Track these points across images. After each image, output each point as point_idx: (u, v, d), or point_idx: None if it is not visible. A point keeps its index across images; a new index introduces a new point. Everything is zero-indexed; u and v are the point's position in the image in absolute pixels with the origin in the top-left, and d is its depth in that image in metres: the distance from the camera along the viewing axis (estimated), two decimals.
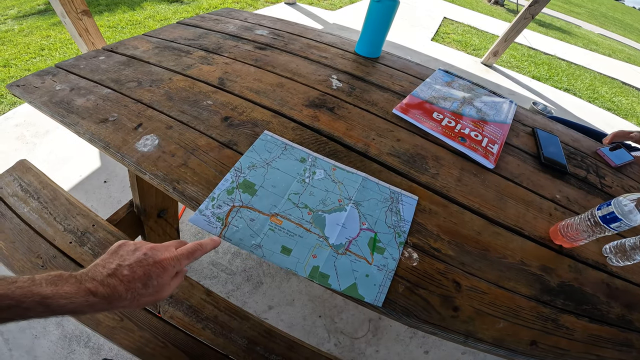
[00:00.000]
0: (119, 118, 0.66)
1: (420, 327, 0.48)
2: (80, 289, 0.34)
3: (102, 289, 0.35)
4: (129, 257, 0.40)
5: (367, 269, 0.50)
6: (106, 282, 0.36)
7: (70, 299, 0.33)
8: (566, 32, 7.24)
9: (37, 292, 0.32)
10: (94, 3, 3.13)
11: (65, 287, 0.34)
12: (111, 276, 0.37)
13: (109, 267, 0.38)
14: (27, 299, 0.32)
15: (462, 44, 4.22)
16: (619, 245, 0.63)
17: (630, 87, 4.73)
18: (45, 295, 0.32)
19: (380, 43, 1.05)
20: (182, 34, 1.02)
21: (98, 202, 1.46)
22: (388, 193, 0.62)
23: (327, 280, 0.48)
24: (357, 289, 0.48)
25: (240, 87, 0.80)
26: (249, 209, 0.53)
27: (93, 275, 0.37)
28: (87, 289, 0.35)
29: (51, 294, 0.33)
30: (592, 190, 0.79)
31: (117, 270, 0.38)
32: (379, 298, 0.47)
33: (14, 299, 0.31)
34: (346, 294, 0.47)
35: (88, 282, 0.35)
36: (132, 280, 0.37)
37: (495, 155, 0.76)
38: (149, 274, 0.39)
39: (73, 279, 0.35)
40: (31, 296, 0.32)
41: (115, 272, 0.37)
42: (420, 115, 0.83)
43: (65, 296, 0.33)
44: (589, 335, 0.52)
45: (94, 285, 0.35)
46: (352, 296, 0.47)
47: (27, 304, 0.31)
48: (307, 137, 0.70)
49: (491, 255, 0.58)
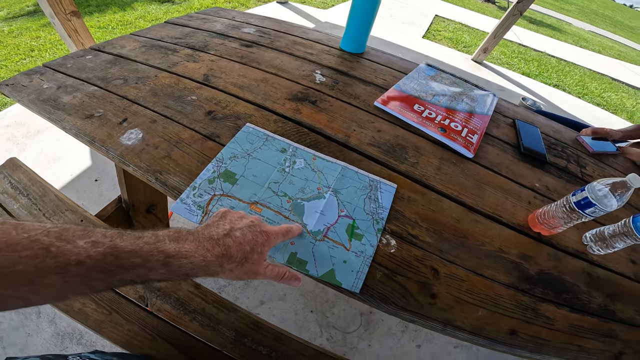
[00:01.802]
0: (105, 114, 0.67)
1: (399, 315, 0.48)
2: (199, 248, 0.34)
3: (218, 248, 0.36)
4: (239, 222, 0.41)
5: (344, 255, 0.51)
6: (222, 241, 0.37)
7: (189, 258, 0.33)
8: (557, 30, 7.32)
9: (162, 249, 0.31)
10: (84, 4, 3.12)
11: (186, 245, 0.34)
12: (226, 236, 0.38)
13: (223, 227, 0.39)
14: (153, 258, 0.30)
15: (453, 41, 4.26)
16: (599, 233, 0.63)
17: (620, 83, 4.80)
18: (169, 254, 0.32)
19: (365, 38, 1.07)
20: (169, 33, 1.03)
21: (89, 201, 1.46)
22: (367, 181, 0.63)
23: (304, 267, 0.48)
24: (334, 275, 0.48)
25: (224, 82, 0.82)
26: (230, 198, 0.54)
27: (210, 233, 0.37)
28: (206, 247, 0.35)
29: (174, 252, 0.32)
30: (573, 179, 0.81)
31: (231, 231, 0.39)
32: (356, 284, 0.48)
33: (142, 256, 0.30)
34: (324, 279, 0.48)
35: (205, 240, 0.36)
36: (243, 243, 0.38)
37: (474, 144, 0.78)
38: (256, 239, 0.40)
39: (192, 236, 0.35)
40: (157, 254, 0.31)
41: (230, 232, 0.38)
42: (402, 107, 0.85)
43: (185, 255, 0.33)
44: (569, 325, 0.52)
45: (211, 245, 0.36)
46: (329, 282, 0.48)
47: (151, 263, 0.30)
48: (288, 129, 0.71)
49: (470, 242, 0.59)
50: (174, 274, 0.32)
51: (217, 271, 0.36)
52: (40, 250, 0.25)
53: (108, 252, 0.28)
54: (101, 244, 0.28)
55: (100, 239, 0.28)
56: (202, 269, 0.34)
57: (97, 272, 0.27)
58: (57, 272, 0.25)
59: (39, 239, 0.25)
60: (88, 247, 0.27)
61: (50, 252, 0.25)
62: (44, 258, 0.25)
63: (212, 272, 0.35)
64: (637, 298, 0.60)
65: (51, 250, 0.25)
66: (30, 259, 0.24)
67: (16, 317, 1.09)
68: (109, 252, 0.28)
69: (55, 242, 0.26)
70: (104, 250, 0.28)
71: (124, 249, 0.29)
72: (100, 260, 0.27)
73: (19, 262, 0.24)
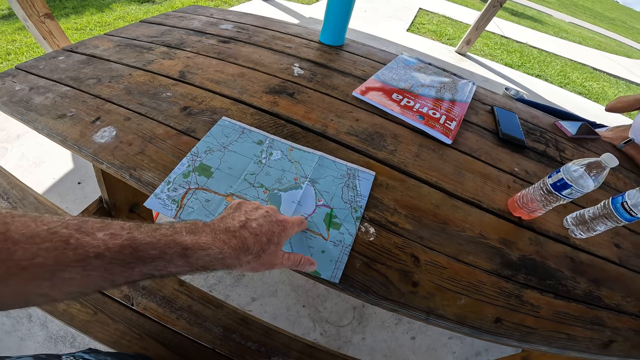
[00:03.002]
0: (77, 113, 0.66)
1: (380, 304, 0.48)
2: (215, 239, 0.34)
3: (235, 240, 0.35)
4: (254, 213, 0.40)
5: (322, 245, 0.50)
6: (238, 233, 0.36)
7: (206, 250, 0.32)
8: (537, 21, 7.44)
9: (179, 241, 0.31)
10: (59, 6, 3.04)
11: (202, 237, 0.33)
12: (243, 228, 0.37)
13: (238, 219, 0.38)
14: (170, 250, 0.30)
15: (437, 33, 4.29)
16: (579, 216, 0.63)
17: (601, 73, 4.91)
18: (186, 246, 0.31)
19: (343, 30, 1.07)
20: (145, 32, 1.01)
21: (73, 204, 1.43)
22: (345, 169, 0.63)
23: None
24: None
25: (201, 78, 0.81)
26: (205, 191, 0.54)
27: (226, 225, 0.36)
28: (222, 239, 0.34)
29: (191, 244, 0.31)
30: (552, 162, 0.82)
31: (247, 222, 0.38)
32: (335, 274, 0.47)
33: (159, 248, 0.29)
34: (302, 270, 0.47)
35: (222, 232, 0.35)
36: (260, 234, 0.37)
37: (452, 131, 0.79)
38: (272, 230, 0.39)
39: (208, 228, 0.35)
40: (174, 246, 0.30)
41: (246, 224, 0.38)
42: (380, 97, 0.85)
43: (203, 247, 0.32)
44: (555, 312, 0.51)
45: (227, 237, 0.35)
46: (308, 273, 0.47)
47: (169, 255, 0.30)
48: (265, 121, 0.71)
49: (450, 228, 0.58)
50: (192, 266, 0.31)
51: (234, 264, 0.35)
52: (60, 243, 0.25)
53: (126, 244, 0.27)
54: (119, 236, 0.28)
55: (118, 231, 0.28)
56: (220, 261, 0.33)
57: (116, 264, 0.27)
58: (77, 265, 0.25)
59: (58, 231, 0.25)
60: (107, 239, 0.27)
61: (69, 244, 0.25)
62: (63, 250, 0.25)
63: (230, 265, 0.34)
64: (623, 283, 0.59)
65: (70, 242, 0.25)
66: (49, 252, 0.24)
67: (7, 322, 1.07)
68: (127, 244, 0.28)
69: (75, 234, 0.26)
70: (122, 243, 0.27)
71: (142, 241, 0.29)
72: (118, 252, 0.27)
73: (38, 255, 0.24)
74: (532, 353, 0.92)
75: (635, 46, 8.70)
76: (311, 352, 0.76)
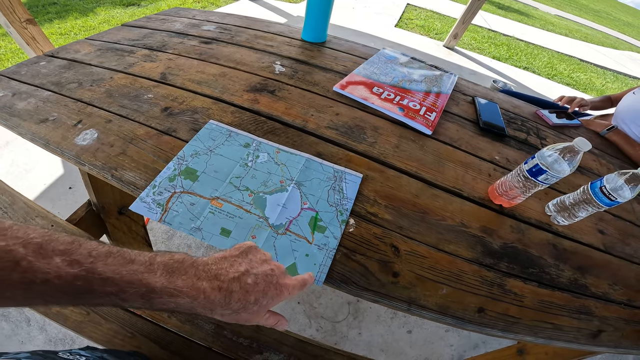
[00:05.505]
0: (59, 117, 0.66)
1: (361, 295, 0.47)
2: (193, 287, 0.30)
3: (217, 293, 0.31)
4: (257, 266, 0.36)
5: (307, 249, 0.50)
6: (226, 285, 0.32)
7: (175, 297, 0.29)
8: (524, 14, 7.50)
9: (147, 282, 0.28)
10: (42, 11, 3.00)
11: (179, 281, 0.30)
12: (235, 280, 0.33)
13: (237, 268, 0.34)
14: (131, 289, 0.27)
15: (425, 28, 4.32)
16: (560, 203, 0.63)
17: (588, 64, 4.98)
18: (153, 289, 0.28)
19: (324, 27, 1.08)
20: (126, 35, 1.02)
21: (65, 209, 1.43)
22: (331, 172, 0.63)
23: None
24: (296, 268, 0.48)
25: (182, 79, 0.81)
26: (190, 194, 0.54)
27: (218, 272, 0.33)
28: (202, 288, 0.30)
29: (160, 287, 0.28)
30: (533, 150, 0.83)
31: (244, 275, 0.34)
32: (319, 277, 0.47)
33: (119, 285, 0.27)
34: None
35: (207, 280, 0.31)
36: (250, 291, 0.33)
37: (432, 121, 0.80)
38: (266, 291, 0.34)
39: (193, 270, 0.31)
40: (138, 286, 0.27)
41: (241, 277, 0.33)
42: (360, 90, 0.87)
43: (172, 293, 0.29)
44: (539, 301, 0.50)
45: (211, 287, 0.31)
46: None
47: (128, 294, 0.27)
48: (245, 119, 0.72)
49: (430, 217, 0.58)
50: (153, 307, 0.29)
51: (204, 313, 0.32)
52: (10, 263, 0.23)
53: (81, 276, 0.26)
54: (78, 265, 0.26)
55: (80, 259, 0.26)
56: (188, 309, 0.30)
57: (62, 293, 0.25)
58: (21, 288, 0.24)
59: (13, 250, 0.24)
60: (62, 267, 0.25)
61: (19, 266, 0.24)
62: (10, 271, 0.23)
63: (199, 313, 0.31)
64: (610, 271, 0.58)
65: (21, 265, 0.24)
66: None
67: (7, 326, 1.08)
68: (83, 276, 0.26)
69: (29, 256, 0.24)
70: (77, 273, 0.25)
71: (101, 275, 0.26)
72: (69, 283, 0.25)
73: None
74: (528, 344, 0.92)
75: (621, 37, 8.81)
76: (303, 346, 0.77)
